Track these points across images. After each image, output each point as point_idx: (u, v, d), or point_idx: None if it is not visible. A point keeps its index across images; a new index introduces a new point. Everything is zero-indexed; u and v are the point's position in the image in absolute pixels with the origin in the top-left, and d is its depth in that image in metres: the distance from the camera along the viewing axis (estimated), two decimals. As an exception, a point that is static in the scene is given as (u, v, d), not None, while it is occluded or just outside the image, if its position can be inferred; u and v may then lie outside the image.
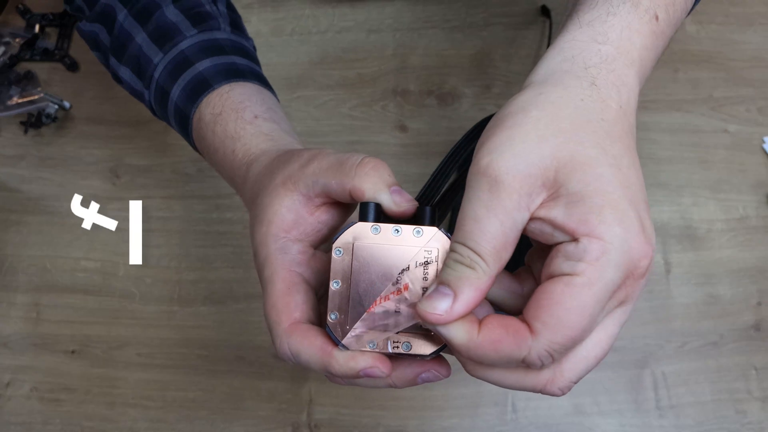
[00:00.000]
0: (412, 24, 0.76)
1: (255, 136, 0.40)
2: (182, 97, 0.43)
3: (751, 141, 0.69)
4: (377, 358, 0.30)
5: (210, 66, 0.43)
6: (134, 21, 0.46)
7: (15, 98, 0.73)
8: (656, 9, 0.32)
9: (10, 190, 0.72)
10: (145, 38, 0.45)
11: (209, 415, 0.62)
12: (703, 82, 0.71)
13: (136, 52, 0.46)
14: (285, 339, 0.31)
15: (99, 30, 0.49)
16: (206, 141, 0.42)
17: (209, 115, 0.42)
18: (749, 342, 0.62)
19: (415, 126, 0.71)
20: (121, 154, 0.72)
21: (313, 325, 0.31)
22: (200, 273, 0.67)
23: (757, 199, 0.67)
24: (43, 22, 0.79)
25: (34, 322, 0.67)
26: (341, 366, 0.30)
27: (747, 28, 0.73)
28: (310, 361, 0.30)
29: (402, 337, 0.30)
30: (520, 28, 0.75)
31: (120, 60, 0.47)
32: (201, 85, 0.43)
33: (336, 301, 0.30)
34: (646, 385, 0.61)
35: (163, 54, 0.44)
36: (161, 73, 0.44)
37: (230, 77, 0.43)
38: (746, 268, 0.64)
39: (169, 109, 0.45)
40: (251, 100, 0.42)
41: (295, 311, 0.31)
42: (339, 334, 0.30)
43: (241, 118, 0.41)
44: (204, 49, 0.44)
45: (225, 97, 0.42)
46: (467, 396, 0.61)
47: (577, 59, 0.30)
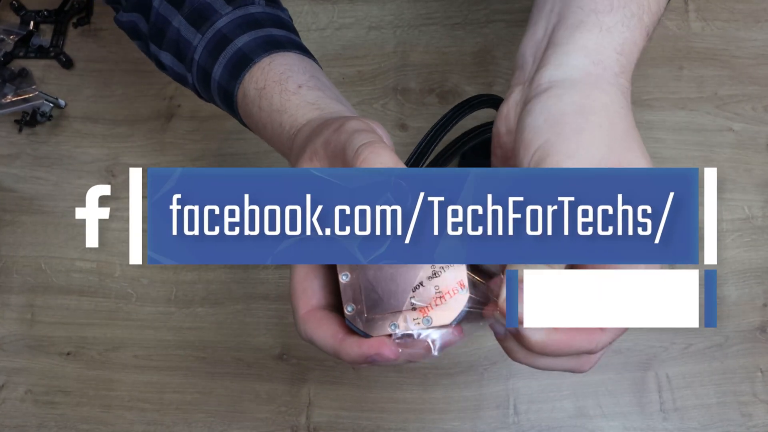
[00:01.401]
0: (413, 21, 0.75)
1: (300, 106, 0.40)
2: (224, 75, 0.43)
3: (756, 140, 0.68)
4: (382, 344, 0.30)
5: (249, 41, 0.43)
6: (169, 5, 0.46)
7: (9, 96, 0.72)
8: (648, 28, 0.34)
9: (5, 190, 0.71)
10: (182, 21, 0.46)
11: (207, 418, 0.62)
12: (708, 80, 0.70)
13: (175, 36, 0.46)
14: (301, 326, 0.32)
15: (137, 19, 0.49)
16: (254, 117, 0.42)
17: (253, 90, 0.42)
18: (755, 344, 0.61)
19: (416, 125, 0.70)
20: (117, 153, 0.71)
21: (328, 312, 0.32)
22: (198, 274, 0.66)
23: (762, 199, 0.66)
24: (38, 19, 0.78)
25: (29, 324, 0.66)
26: (351, 353, 0.30)
27: (753, 25, 0.72)
28: (323, 349, 0.31)
29: (420, 313, 0.31)
30: (522, 26, 0.74)
31: (160, 46, 0.48)
32: (242, 61, 0.43)
33: (349, 293, 0.31)
34: (650, 387, 0.60)
35: (201, 35, 0.45)
36: (201, 54, 0.45)
37: (270, 49, 0.43)
38: (752, 269, 0.63)
39: (212, 90, 0.45)
40: (293, 70, 0.42)
41: (312, 298, 0.32)
42: (359, 324, 0.31)
43: (286, 89, 0.41)
44: (240, 25, 0.44)
45: (267, 70, 0.42)
46: (469, 398, 0.60)
47: (606, 66, 0.32)
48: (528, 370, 0.60)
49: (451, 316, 0.31)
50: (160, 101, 0.73)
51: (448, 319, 0.31)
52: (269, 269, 0.66)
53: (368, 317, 0.31)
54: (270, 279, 0.66)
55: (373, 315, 0.31)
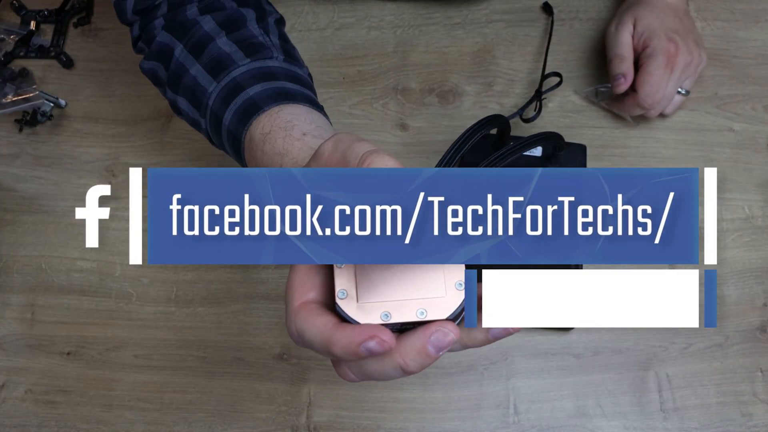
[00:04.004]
0: (413, 21, 0.75)
1: (303, 150, 0.40)
2: (233, 121, 0.44)
3: (756, 140, 0.68)
4: (378, 329, 0.28)
5: (260, 90, 0.44)
6: (189, 54, 0.48)
7: (10, 96, 0.72)
8: None
9: (5, 189, 0.71)
10: (199, 69, 0.47)
11: (207, 417, 0.62)
12: (708, 80, 0.70)
13: (191, 83, 0.47)
14: (292, 318, 0.30)
15: (156, 67, 0.51)
16: (256, 161, 0.43)
17: (259, 135, 0.43)
18: (755, 344, 0.61)
19: (416, 124, 0.70)
20: (117, 153, 0.71)
21: (321, 307, 0.30)
22: (198, 273, 0.66)
23: (762, 199, 0.66)
24: (39, 19, 0.78)
25: (29, 323, 0.66)
26: (342, 343, 0.28)
27: (753, 25, 0.72)
28: (312, 341, 0.29)
29: (415, 305, 0.29)
30: (522, 26, 0.74)
31: (176, 91, 0.49)
32: (251, 108, 0.44)
33: (343, 279, 0.29)
34: (650, 387, 0.60)
35: (217, 83, 0.46)
36: (215, 100, 0.46)
37: (280, 100, 0.44)
38: (752, 269, 0.63)
39: (222, 135, 0.46)
40: (300, 119, 0.42)
41: (310, 291, 0.31)
42: (350, 311, 0.29)
43: (290, 135, 0.41)
44: (255, 76, 0.45)
45: (274, 117, 0.43)
46: (469, 398, 0.60)
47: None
48: (528, 370, 0.61)
49: (447, 311, 0.29)
50: (161, 101, 0.73)
51: (444, 315, 0.29)
52: (269, 269, 0.66)
53: (359, 304, 0.29)
54: (270, 279, 0.66)
55: (365, 302, 0.29)
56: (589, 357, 0.61)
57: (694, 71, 0.65)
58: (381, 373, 0.30)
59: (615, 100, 0.68)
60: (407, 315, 0.29)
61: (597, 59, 0.72)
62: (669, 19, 0.65)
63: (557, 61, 0.72)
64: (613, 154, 0.68)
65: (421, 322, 0.29)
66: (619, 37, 0.65)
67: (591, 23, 0.74)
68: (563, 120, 0.69)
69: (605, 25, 0.71)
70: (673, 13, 0.66)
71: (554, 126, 0.69)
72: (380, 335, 0.27)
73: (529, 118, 0.66)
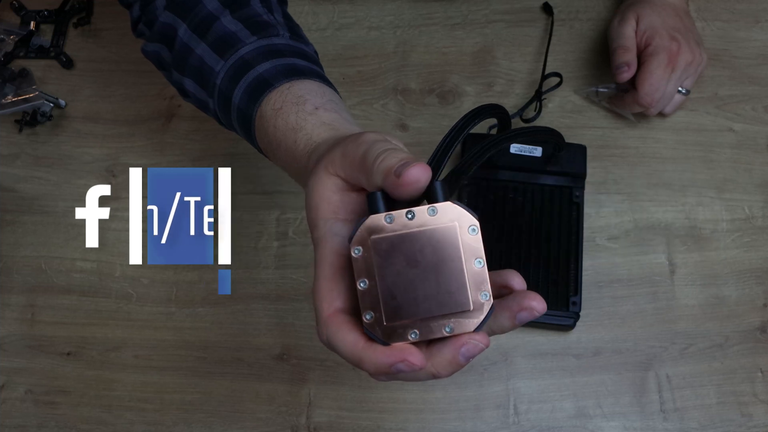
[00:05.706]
0: (413, 21, 0.75)
1: (316, 126, 0.40)
2: (243, 98, 0.44)
3: (756, 140, 0.68)
4: (407, 351, 0.29)
5: (270, 67, 0.44)
6: (193, 34, 0.47)
7: (10, 96, 0.72)
8: None
9: (5, 190, 0.71)
10: (205, 48, 0.47)
11: (207, 418, 0.62)
12: (708, 80, 0.70)
13: (197, 63, 0.47)
14: (324, 328, 0.31)
15: (160, 49, 0.50)
16: (268, 137, 0.43)
17: (270, 110, 0.42)
18: (755, 344, 0.61)
19: (416, 125, 0.70)
20: (117, 153, 0.71)
21: (350, 317, 0.31)
22: (198, 273, 0.66)
23: (763, 199, 0.66)
24: (39, 19, 0.78)
25: (29, 324, 0.66)
26: (375, 361, 0.29)
27: (753, 25, 0.72)
28: (344, 356, 0.30)
29: (442, 320, 0.29)
30: (522, 26, 0.74)
31: (183, 73, 0.49)
32: (261, 85, 0.43)
33: (367, 301, 0.30)
34: (650, 387, 0.60)
35: (224, 61, 0.46)
36: (222, 79, 0.45)
37: (290, 76, 0.44)
38: (752, 269, 0.63)
39: (232, 114, 0.46)
40: (311, 94, 0.43)
41: (336, 299, 0.31)
42: (378, 333, 0.29)
43: (302, 110, 0.41)
44: (263, 53, 0.45)
45: (285, 93, 0.43)
46: (469, 398, 0.60)
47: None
48: (528, 370, 0.61)
49: (473, 324, 0.29)
50: (161, 101, 0.73)
51: (471, 327, 0.29)
52: (269, 269, 0.66)
53: (387, 325, 0.29)
54: (270, 279, 0.65)
55: (392, 323, 0.29)
56: (589, 357, 0.61)
57: (695, 71, 0.65)
58: (413, 378, 0.31)
59: (615, 98, 0.68)
60: (435, 333, 0.29)
61: (597, 59, 0.72)
62: (671, 18, 0.65)
63: (557, 61, 0.72)
64: (613, 155, 0.68)
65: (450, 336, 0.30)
66: (622, 30, 0.66)
67: (591, 23, 0.74)
68: (563, 120, 0.69)
69: (605, 25, 0.71)
70: (674, 13, 0.66)
71: (554, 126, 0.69)
72: (409, 358, 0.29)
73: (529, 118, 0.66)
